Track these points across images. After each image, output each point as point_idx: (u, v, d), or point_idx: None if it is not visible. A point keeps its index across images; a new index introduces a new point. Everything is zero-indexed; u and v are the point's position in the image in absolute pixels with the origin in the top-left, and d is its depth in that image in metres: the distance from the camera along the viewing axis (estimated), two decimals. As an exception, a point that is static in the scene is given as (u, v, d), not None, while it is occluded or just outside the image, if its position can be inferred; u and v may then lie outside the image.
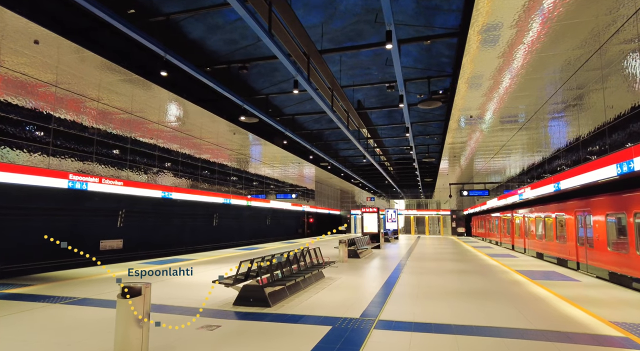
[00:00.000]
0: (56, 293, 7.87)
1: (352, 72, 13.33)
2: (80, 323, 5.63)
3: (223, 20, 10.05)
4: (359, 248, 15.78)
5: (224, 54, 11.54)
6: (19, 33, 7.68)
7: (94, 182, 11.69)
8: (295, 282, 7.77)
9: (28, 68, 9.30)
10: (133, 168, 13.96)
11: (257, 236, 27.76)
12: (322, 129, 20.12)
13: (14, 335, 5.08)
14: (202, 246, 21.17)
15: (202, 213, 21.44)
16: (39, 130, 10.38)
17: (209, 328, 5.34)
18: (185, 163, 17.38)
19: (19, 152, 9.82)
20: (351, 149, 24.71)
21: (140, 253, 16.43)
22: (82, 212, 13.82)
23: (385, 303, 7.12)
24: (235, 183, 22.07)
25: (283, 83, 14.06)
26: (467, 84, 9.61)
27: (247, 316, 6.10)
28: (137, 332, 3.96)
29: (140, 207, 16.11)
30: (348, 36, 10.85)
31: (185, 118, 14.06)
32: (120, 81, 10.27)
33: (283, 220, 33.73)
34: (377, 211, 23.40)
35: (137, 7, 8.85)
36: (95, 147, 12.26)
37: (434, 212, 45.85)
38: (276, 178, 27.64)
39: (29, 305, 6.73)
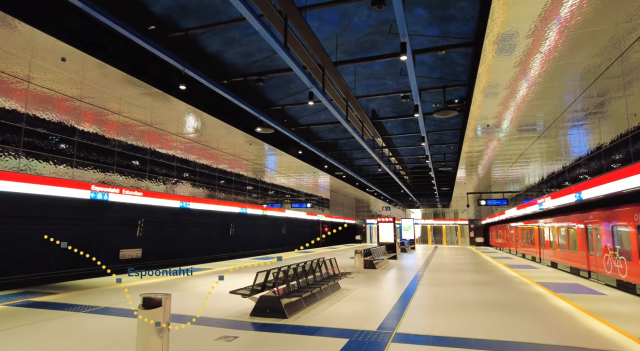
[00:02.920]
0: (79, 301, 8.05)
1: (366, 82, 13.40)
2: (102, 332, 5.75)
3: (239, 34, 10.29)
4: (375, 258, 15.64)
5: (240, 67, 11.78)
6: (48, 51, 8.04)
7: (115, 192, 12.00)
8: (311, 293, 7.76)
9: (55, 84, 9.70)
10: (152, 179, 14.27)
11: (272, 245, 27.83)
12: (337, 139, 20.20)
13: (40, 342, 5.22)
14: (219, 255, 21.34)
15: (218, 223, 21.67)
16: (63, 142, 10.76)
17: (227, 339, 5.37)
18: (203, 174, 17.67)
19: (45, 164, 10.19)
20: (366, 158, 24.69)
21: (158, 262, 16.68)
22: (103, 221, 14.16)
23: (403, 315, 7.03)
24: (251, 193, 22.28)
25: (298, 94, 14.23)
26: (483, 93, 9.53)
27: (264, 327, 6.11)
28: (157, 342, 4.03)
29: (159, 216, 16.40)
30: (362, 47, 10.94)
31: (203, 130, 14.35)
32: (141, 94, 10.59)
33: (298, 229, 33.75)
34: (393, 220, 23.20)
35: (157, 23, 9.16)
36: (116, 158, 12.61)
37: (451, 222, 45.12)
38: (291, 187, 27.78)
39: (53, 314, 6.92)
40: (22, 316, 6.74)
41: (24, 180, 9.42)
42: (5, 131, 9.23)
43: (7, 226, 10.75)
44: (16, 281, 10.68)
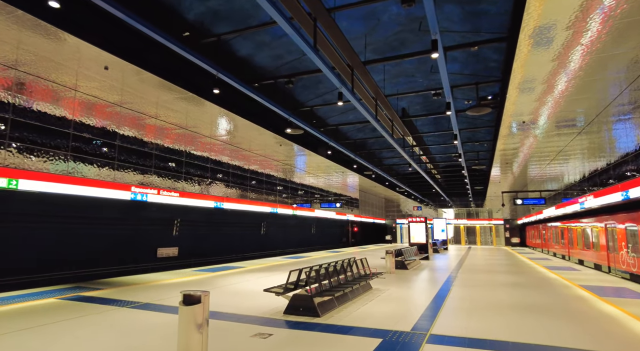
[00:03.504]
0: (122, 297, 8.50)
1: (395, 81, 13.27)
2: (144, 327, 6.05)
3: (270, 38, 10.48)
4: (407, 259, 15.46)
5: (270, 70, 11.99)
6: (92, 61, 8.54)
7: (153, 193, 12.54)
8: (343, 293, 7.80)
9: (98, 91, 10.26)
10: (188, 180, 14.80)
11: (302, 245, 28.10)
12: (366, 138, 20.11)
13: (91, 334, 5.57)
14: (251, 254, 21.82)
15: (250, 222, 22.14)
16: (106, 146, 11.37)
17: (262, 336, 5.51)
18: (235, 175, 18.11)
19: (90, 167, 10.81)
20: (396, 157, 24.41)
21: (193, 261, 17.27)
22: (142, 221, 14.83)
23: (437, 316, 6.93)
24: (281, 193, 22.60)
25: (327, 94, 14.31)
26: (518, 88, 9.22)
27: (298, 325, 6.21)
28: (197, 338, 4.21)
29: (194, 216, 16.98)
30: (391, 46, 10.86)
31: (235, 132, 14.71)
32: (176, 99, 11.01)
33: (328, 229, 33.87)
34: (424, 220, 22.81)
35: (191, 29, 9.50)
36: (154, 160, 13.17)
37: (485, 222, 43.76)
38: (320, 187, 27.92)
39: (100, 308, 7.34)
40: (74, 309, 7.21)
41: (72, 182, 10.04)
42: (56, 136, 9.88)
43: (58, 225, 11.49)
44: (67, 277, 11.41)
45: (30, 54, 8.20)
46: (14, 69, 8.73)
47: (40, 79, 9.29)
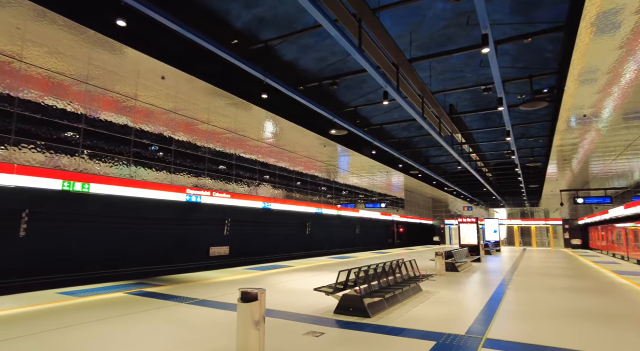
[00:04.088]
0: (180, 293, 9.03)
1: (442, 77, 12.92)
2: (202, 322, 6.40)
3: (313, 41, 10.64)
4: (457, 261, 14.97)
5: (314, 72, 12.16)
6: (150, 71, 9.16)
7: (206, 195, 13.19)
8: (393, 294, 7.74)
9: (155, 99, 10.98)
10: (237, 182, 15.39)
11: (346, 245, 28.11)
12: (411, 136, 19.73)
13: (155, 327, 6.00)
14: (296, 253, 22.21)
15: (296, 222, 22.54)
16: (162, 151, 12.13)
17: (314, 334, 5.63)
18: (281, 176, 18.55)
19: (149, 171, 11.59)
20: (443, 156, 23.71)
21: (243, 259, 17.91)
22: (195, 221, 15.63)
23: (492, 320, 6.68)
24: (325, 193, 22.78)
25: (371, 94, 14.24)
26: (578, 80, 8.61)
27: (348, 325, 6.27)
28: (255, 334, 4.40)
29: (243, 216, 17.61)
30: (437, 42, 10.59)
31: (280, 134, 15.07)
32: (226, 104, 11.49)
33: (372, 229, 33.60)
34: (475, 221, 21.94)
35: (239, 37, 9.88)
36: (207, 164, 13.85)
37: (541, 222, 41.17)
38: (364, 187, 27.78)
39: (161, 303, 7.87)
40: (140, 303, 7.79)
41: (134, 186, 10.82)
42: (120, 143, 10.71)
43: (122, 225, 12.43)
44: (130, 273, 12.31)
45: (99, 68, 8.97)
46: (85, 83, 9.59)
47: (106, 91, 10.12)
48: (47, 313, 6.86)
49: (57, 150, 9.25)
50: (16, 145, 8.49)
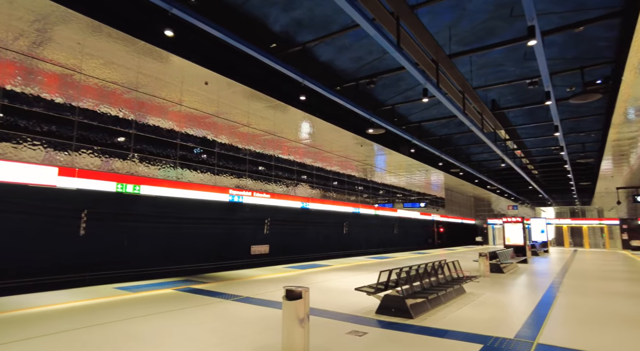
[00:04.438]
0: (225, 290, 9.37)
1: (483, 71, 12.49)
2: (247, 319, 6.62)
3: (350, 41, 10.65)
4: (502, 262, 14.38)
5: (351, 72, 12.16)
6: (194, 77, 9.58)
7: (248, 195, 13.58)
8: (436, 296, 7.59)
9: (199, 104, 11.46)
10: (277, 182, 15.71)
11: (384, 245, 27.82)
12: (451, 134, 19.19)
13: (202, 322, 6.28)
14: (334, 253, 22.28)
15: (333, 222, 22.62)
16: (206, 153, 12.63)
17: (357, 334, 5.66)
18: (319, 176, 18.71)
19: (194, 172, 12.11)
20: (485, 153, 22.85)
21: (282, 258, 18.23)
22: (237, 221, 16.12)
23: (543, 325, 6.38)
24: (362, 193, 22.68)
25: (408, 91, 14.02)
26: (638, 69, 8.01)
27: (391, 325, 6.23)
28: (300, 332, 4.50)
29: (282, 216, 17.93)
30: (478, 36, 10.26)
31: (317, 135, 15.20)
32: (265, 107, 11.77)
33: (411, 229, 33.01)
34: (521, 220, 20.95)
35: (277, 40, 10.09)
36: (247, 165, 14.26)
37: (594, 221, 38.54)
38: (402, 186, 27.35)
39: (208, 300, 8.21)
40: (188, 299, 8.18)
41: (180, 187, 11.36)
42: (167, 147, 11.28)
43: (170, 224, 13.08)
44: (177, 271, 12.93)
45: (147, 76, 9.51)
46: (135, 91, 10.20)
47: (153, 97, 10.70)
48: (108, 306, 7.37)
49: (111, 154, 9.90)
50: (77, 150, 9.19)
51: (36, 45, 7.88)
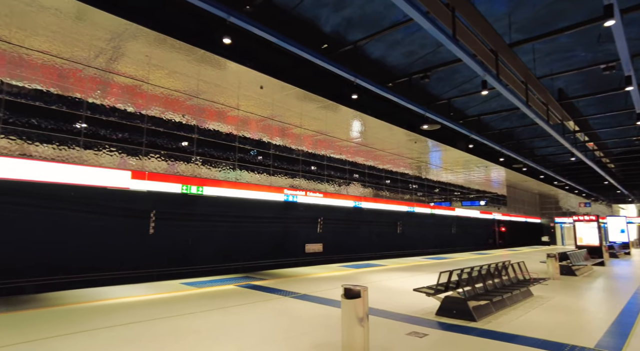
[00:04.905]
0: (283, 287, 9.63)
1: (549, 59, 11.62)
2: (306, 316, 6.75)
3: (401, 36, 10.43)
4: (574, 264, 13.24)
5: (403, 67, 11.91)
6: (250, 82, 9.95)
7: (301, 195, 13.83)
8: (501, 298, 7.19)
9: (254, 108, 11.87)
10: (329, 181, 15.83)
11: (441, 245, 26.85)
12: (513, 127, 18.07)
13: (263, 318, 6.51)
14: (388, 253, 21.94)
15: (386, 221, 22.29)
16: (262, 155, 13.06)
17: (417, 335, 5.53)
18: (371, 175, 18.54)
19: (252, 174, 12.58)
20: (551, 146, 21.22)
21: (335, 257, 18.32)
22: (291, 219, 16.48)
23: (630, 335, 5.77)
24: (416, 191, 22.09)
25: (465, 84, 13.43)
26: None
27: (452, 328, 6.01)
28: (360, 330, 4.49)
29: (335, 215, 18.03)
30: (541, 21, 9.56)
31: (368, 133, 15.07)
32: (317, 108, 11.90)
33: (470, 228, 31.53)
34: (596, 219, 19.14)
35: (328, 41, 10.16)
36: (301, 165, 14.52)
37: (685, 220, 34.10)
38: (460, 184, 26.22)
39: (267, 296, 8.49)
40: (249, 295, 8.53)
41: (239, 187, 11.85)
42: (226, 149, 11.85)
43: (230, 223, 13.71)
44: (236, 267, 13.52)
45: (207, 83, 10.05)
46: (196, 97, 10.83)
47: (213, 103, 11.27)
48: (175, 300, 7.92)
49: (176, 158, 10.60)
50: (146, 155, 9.97)
51: (112, 60, 8.67)
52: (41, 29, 7.39)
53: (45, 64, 8.27)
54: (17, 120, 8.08)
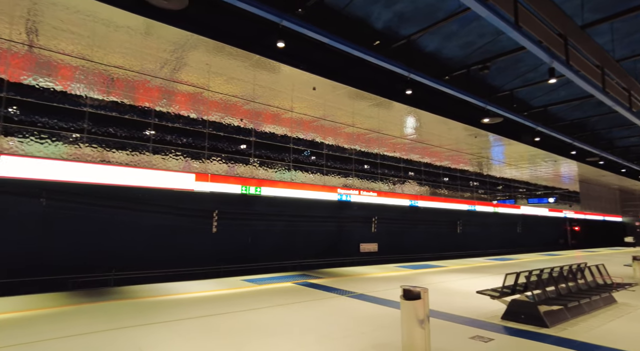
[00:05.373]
0: (339, 286, 9.67)
1: (630, 39, 10.43)
2: (363, 315, 6.71)
3: (457, 27, 9.97)
4: (666, 267, 11.74)
5: (459, 59, 11.38)
6: (303, 84, 10.12)
7: (355, 194, 13.80)
8: (578, 304, 6.59)
9: (308, 109, 12.06)
10: (382, 180, 15.62)
11: (505, 245, 25.26)
12: (586, 117, 16.48)
13: (321, 316, 6.59)
14: (447, 253, 21.11)
15: (445, 220, 21.48)
16: (315, 155, 13.22)
17: (482, 339, 5.26)
18: (427, 172, 17.97)
19: (306, 174, 12.80)
20: (634, 136, 19.04)
21: (391, 257, 18.02)
22: (345, 219, 16.50)
23: None
24: (477, 189, 21.00)
25: (529, 73, 12.52)
26: None
27: (520, 333, 5.63)
28: (420, 332, 4.37)
29: (389, 214, 17.74)
30: (621, -4, 8.59)
31: (424, 129, 14.62)
32: (369, 106, 11.79)
33: (538, 227, 29.33)
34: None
35: (380, 37, 10.00)
36: (353, 164, 14.49)
37: None
38: (525, 180, 24.49)
39: (324, 294, 8.58)
40: (307, 293, 8.69)
41: (294, 187, 12.12)
42: (281, 151, 12.18)
43: (285, 222, 14.08)
44: (292, 265, 13.83)
45: (262, 87, 10.40)
46: (252, 102, 11.25)
47: (268, 106, 11.64)
48: (237, 296, 8.29)
49: (235, 160, 11.10)
50: (208, 158, 10.55)
51: (175, 70, 9.30)
52: (117, 46, 8.13)
53: (120, 77, 9.09)
54: (98, 129, 8.97)
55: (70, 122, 8.94)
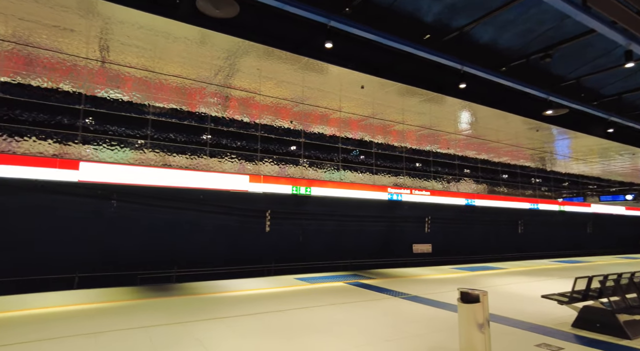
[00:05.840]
0: (392, 287, 9.51)
1: None
2: (417, 317, 6.53)
3: (514, 15, 9.36)
4: None
5: (517, 49, 10.68)
6: (351, 83, 10.08)
7: (406, 193, 13.48)
8: (664, 313, 5.89)
9: (356, 108, 12.00)
10: (436, 178, 15.11)
11: (573, 247, 23.28)
12: (670, 104, 14.68)
13: (374, 317, 6.51)
14: (507, 255, 19.90)
15: (504, 220, 20.28)
16: (364, 154, 13.12)
17: (549, 348, 4.88)
18: (484, 169, 17.10)
19: (355, 173, 12.75)
20: None
21: (446, 258, 17.36)
22: (397, 219, 16.18)
23: None
24: (540, 186, 19.59)
25: (599, 58, 11.43)
26: None
27: (596, 344, 5.15)
28: (479, 337, 4.16)
29: (444, 213, 17.11)
30: None
31: (480, 124, 13.91)
32: (420, 102, 11.45)
33: (612, 228, 26.67)
34: None
35: (431, 31, 9.67)
36: (404, 163, 14.17)
37: None
38: (596, 175, 22.40)
39: (377, 295, 8.48)
40: (358, 293, 8.65)
41: (343, 187, 12.12)
42: (330, 151, 12.24)
43: (336, 222, 14.12)
44: (343, 265, 13.83)
45: (310, 89, 10.52)
46: (302, 104, 11.42)
47: (317, 107, 11.75)
48: (290, 295, 8.46)
49: (286, 161, 11.34)
50: (261, 160, 10.89)
51: (229, 77, 9.70)
52: (175, 57, 8.67)
53: (178, 85, 9.67)
54: (159, 135, 9.62)
55: (136, 129, 9.70)
